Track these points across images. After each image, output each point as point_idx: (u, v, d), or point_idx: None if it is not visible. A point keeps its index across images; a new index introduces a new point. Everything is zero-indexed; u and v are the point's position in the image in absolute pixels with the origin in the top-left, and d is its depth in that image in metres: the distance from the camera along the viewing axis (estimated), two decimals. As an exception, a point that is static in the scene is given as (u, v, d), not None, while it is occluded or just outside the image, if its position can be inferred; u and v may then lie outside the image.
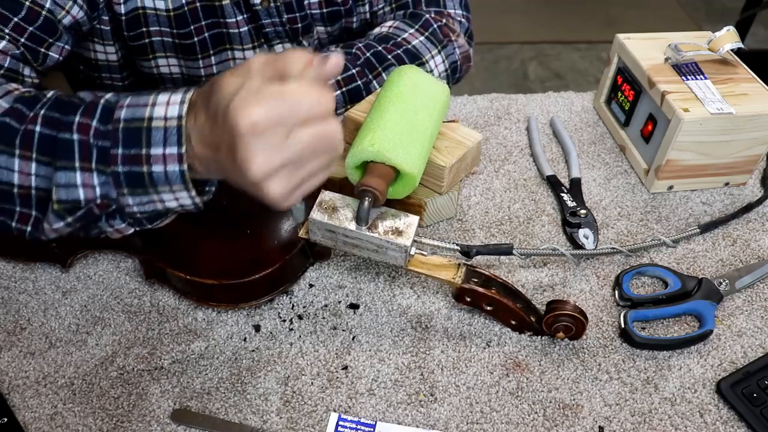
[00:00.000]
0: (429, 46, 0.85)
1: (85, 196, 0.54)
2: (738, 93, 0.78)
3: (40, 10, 0.65)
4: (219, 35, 0.81)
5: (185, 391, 0.60)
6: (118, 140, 0.51)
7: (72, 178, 0.53)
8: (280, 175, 0.47)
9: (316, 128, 0.46)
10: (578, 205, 0.77)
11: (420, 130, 0.64)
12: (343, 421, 0.58)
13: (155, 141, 0.51)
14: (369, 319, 0.66)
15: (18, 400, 0.58)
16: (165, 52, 0.81)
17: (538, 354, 0.64)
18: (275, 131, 0.45)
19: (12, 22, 0.64)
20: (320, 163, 0.49)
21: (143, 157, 0.51)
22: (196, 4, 0.77)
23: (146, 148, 0.51)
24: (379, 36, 0.85)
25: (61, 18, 0.68)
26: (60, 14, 0.68)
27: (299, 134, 0.46)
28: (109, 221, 0.57)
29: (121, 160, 0.52)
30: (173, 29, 0.78)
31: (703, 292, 0.68)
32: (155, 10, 0.76)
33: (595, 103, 0.95)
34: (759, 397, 0.60)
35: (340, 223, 0.60)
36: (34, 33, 0.66)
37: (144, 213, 0.55)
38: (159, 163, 0.51)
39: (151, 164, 0.51)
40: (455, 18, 0.91)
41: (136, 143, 0.51)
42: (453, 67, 0.88)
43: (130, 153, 0.51)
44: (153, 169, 0.51)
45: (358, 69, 0.80)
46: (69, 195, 0.53)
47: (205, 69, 0.84)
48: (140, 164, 0.52)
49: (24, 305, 0.66)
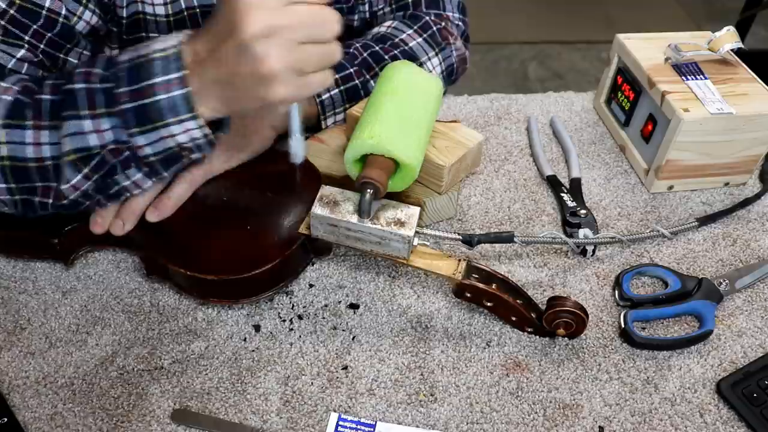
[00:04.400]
0: (427, 48, 0.85)
1: (96, 142, 0.55)
2: (738, 93, 0.78)
3: (56, 17, 0.66)
4: None
5: (185, 391, 0.60)
6: (122, 79, 0.53)
7: (81, 126, 0.54)
8: (279, 42, 0.50)
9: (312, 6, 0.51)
10: (578, 205, 0.77)
11: (416, 123, 0.64)
12: (343, 421, 0.58)
13: (156, 71, 0.53)
14: (369, 319, 0.66)
15: (18, 400, 0.58)
16: None
17: (538, 354, 0.64)
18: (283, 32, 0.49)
19: (31, 30, 0.65)
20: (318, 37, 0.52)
21: (147, 88, 0.53)
22: (195, 9, 0.77)
23: (149, 79, 0.53)
24: (376, 36, 0.85)
25: (74, 24, 0.68)
26: (73, 20, 0.68)
27: (294, 7, 0.50)
28: (126, 171, 0.58)
29: (127, 96, 0.53)
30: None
31: (703, 292, 0.68)
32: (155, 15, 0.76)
33: (595, 103, 0.95)
34: (759, 397, 0.60)
35: (342, 216, 0.60)
36: (53, 39, 0.67)
37: (158, 154, 0.56)
38: (162, 91, 0.53)
39: (155, 94, 0.53)
40: (453, 21, 0.92)
41: (139, 78, 0.53)
42: (450, 70, 0.88)
43: (135, 88, 0.53)
44: (158, 97, 0.53)
45: (355, 68, 0.80)
46: (79, 143, 0.55)
47: None
48: (145, 96, 0.53)
49: (24, 305, 0.66)
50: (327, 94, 0.78)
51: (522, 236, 0.67)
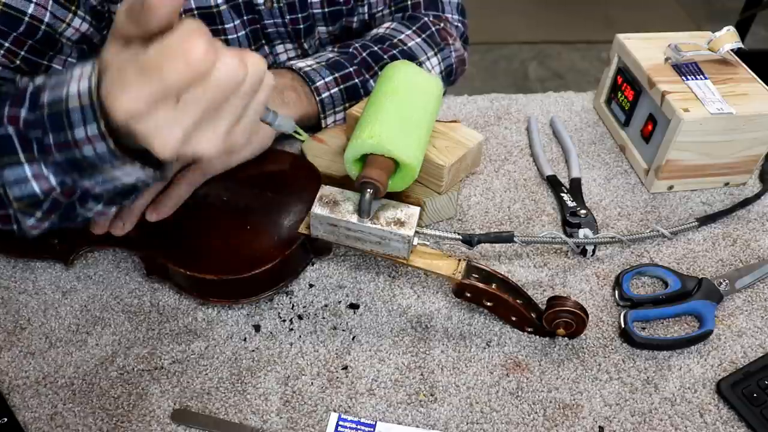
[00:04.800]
0: (425, 48, 0.86)
1: (41, 188, 0.50)
2: (738, 93, 0.78)
3: (39, 24, 0.66)
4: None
5: (185, 391, 0.60)
6: (46, 128, 0.48)
7: (21, 173, 0.50)
8: (201, 132, 0.44)
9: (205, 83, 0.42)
10: (578, 205, 0.77)
11: (416, 123, 0.64)
12: (343, 421, 0.58)
13: (76, 122, 0.46)
14: (369, 319, 0.66)
15: (18, 400, 0.58)
16: None
17: (538, 354, 0.64)
18: (158, 108, 0.41)
19: (11, 37, 0.64)
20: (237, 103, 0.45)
21: (71, 143, 0.47)
22: (193, 12, 0.77)
23: (70, 131, 0.47)
24: (375, 37, 0.86)
25: (62, 31, 0.68)
26: (60, 27, 0.68)
27: (189, 96, 0.42)
28: (85, 206, 0.53)
29: (54, 149, 0.48)
30: None
31: (703, 292, 0.68)
32: None
33: (595, 103, 0.95)
34: (759, 397, 0.60)
35: (342, 216, 0.60)
36: (35, 46, 0.66)
37: (111, 191, 0.52)
38: (87, 145, 0.47)
39: (82, 148, 0.47)
40: (452, 23, 0.93)
41: (61, 128, 0.47)
42: (448, 70, 0.89)
43: (59, 140, 0.47)
44: (84, 153, 0.47)
45: (354, 67, 0.80)
46: (24, 191, 0.50)
47: None
48: (72, 149, 0.47)
49: (24, 305, 0.66)
50: (327, 93, 0.78)
51: (522, 236, 0.67)
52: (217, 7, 0.78)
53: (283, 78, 0.77)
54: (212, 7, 0.78)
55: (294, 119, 0.76)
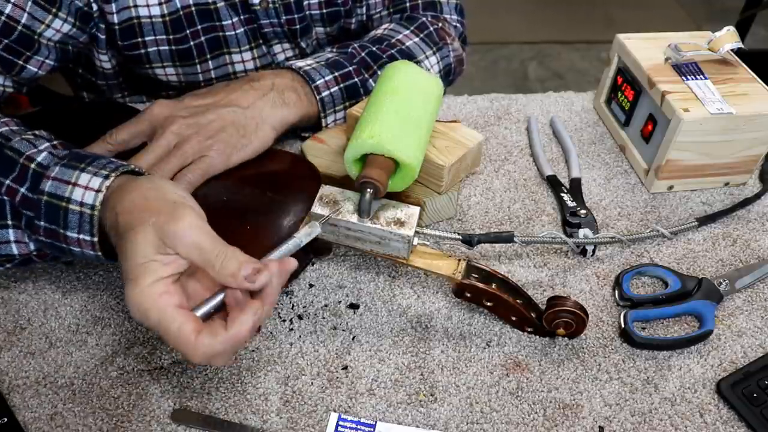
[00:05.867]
0: (423, 47, 0.86)
1: (19, 251, 0.57)
2: (738, 93, 0.78)
3: (15, 24, 0.66)
4: (215, 39, 0.81)
5: (185, 391, 0.60)
6: (41, 213, 0.54)
7: (5, 235, 0.56)
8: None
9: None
10: (578, 205, 0.77)
11: (416, 123, 0.64)
12: (343, 421, 0.58)
13: (71, 224, 0.53)
14: (369, 319, 0.66)
15: (18, 400, 0.58)
16: (162, 62, 0.81)
17: (538, 354, 0.64)
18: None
19: None
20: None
21: (61, 235, 0.54)
22: (191, 8, 0.77)
23: (63, 228, 0.53)
24: (374, 38, 0.86)
25: (41, 32, 0.68)
26: (39, 28, 0.68)
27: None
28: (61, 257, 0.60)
29: (43, 232, 0.54)
30: (169, 35, 0.78)
31: (703, 292, 0.68)
32: (150, 17, 0.76)
33: (595, 103, 0.95)
34: (759, 397, 0.60)
35: (342, 216, 0.60)
36: (10, 45, 0.67)
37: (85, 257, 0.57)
38: (75, 245, 0.54)
39: (69, 244, 0.54)
40: (450, 22, 0.93)
41: (55, 220, 0.54)
42: (447, 70, 0.89)
43: (50, 228, 0.54)
44: (71, 248, 0.55)
45: (354, 67, 0.80)
46: (3, 250, 0.57)
47: (203, 74, 0.84)
48: (59, 240, 0.54)
49: (24, 305, 0.66)
50: (327, 92, 0.78)
51: (522, 236, 0.67)
52: (215, 4, 0.78)
53: (283, 78, 0.77)
54: (210, 3, 0.78)
55: (294, 119, 0.77)
